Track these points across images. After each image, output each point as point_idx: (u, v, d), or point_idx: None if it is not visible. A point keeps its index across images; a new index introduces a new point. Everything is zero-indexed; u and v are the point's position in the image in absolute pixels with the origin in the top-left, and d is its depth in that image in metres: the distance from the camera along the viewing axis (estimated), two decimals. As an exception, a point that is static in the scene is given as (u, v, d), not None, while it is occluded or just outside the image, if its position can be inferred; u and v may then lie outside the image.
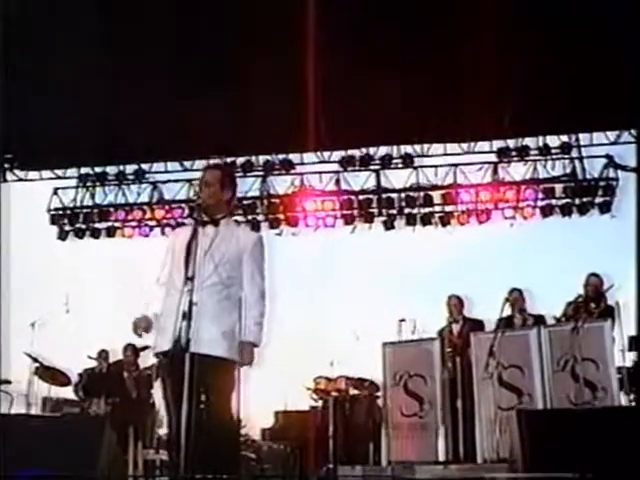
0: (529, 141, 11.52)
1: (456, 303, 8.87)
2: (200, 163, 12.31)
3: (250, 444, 10.18)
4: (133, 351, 9.12)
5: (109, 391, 8.52)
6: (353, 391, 9.10)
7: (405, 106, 10.38)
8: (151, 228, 12.50)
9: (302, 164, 12.24)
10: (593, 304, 7.91)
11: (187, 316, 4.36)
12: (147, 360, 9.10)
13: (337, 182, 12.12)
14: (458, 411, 7.71)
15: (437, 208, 11.92)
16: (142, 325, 4.66)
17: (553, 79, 9.78)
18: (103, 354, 9.83)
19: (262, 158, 12.18)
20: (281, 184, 12.34)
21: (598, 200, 11.37)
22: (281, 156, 12.12)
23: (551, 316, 8.29)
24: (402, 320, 8.52)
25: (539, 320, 8.18)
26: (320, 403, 8.97)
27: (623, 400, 7.71)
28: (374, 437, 8.20)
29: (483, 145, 11.70)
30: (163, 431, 9.07)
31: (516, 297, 8.31)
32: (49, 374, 9.22)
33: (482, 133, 11.35)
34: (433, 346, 7.94)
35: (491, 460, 7.20)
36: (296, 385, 9.89)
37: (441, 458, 7.45)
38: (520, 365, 7.46)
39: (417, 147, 11.87)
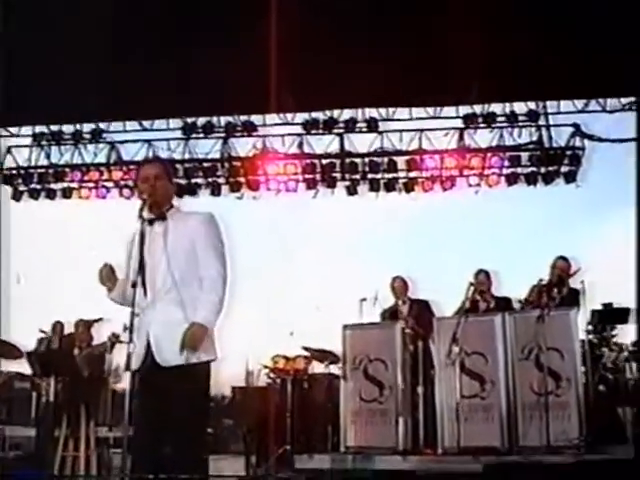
0: (496, 107, 11.12)
1: (400, 285, 8.41)
2: (160, 123, 11.84)
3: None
4: (85, 327, 8.60)
5: (59, 370, 8.01)
6: (313, 370, 8.69)
7: (371, 69, 9.98)
8: (108, 190, 11.94)
9: (264, 126, 11.78)
10: (556, 289, 7.53)
11: (128, 328, 3.91)
12: (101, 333, 8.61)
13: (300, 145, 11.68)
14: (419, 398, 7.31)
15: (401, 174, 11.58)
16: (104, 275, 4.20)
17: (521, 46, 9.39)
18: (58, 326, 9.32)
19: (223, 119, 11.68)
20: (243, 146, 11.89)
21: (564, 169, 11.12)
22: (243, 118, 11.61)
23: (516, 299, 7.92)
24: (363, 299, 8.03)
25: (505, 304, 7.77)
26: (278, 381, 8.53)
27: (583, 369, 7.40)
28: (332, 420, 7.79)
29: (449, 110, 11.31)
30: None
31: (482, 280, 7.88)
32: (0, 347, 8.69)
33: (448, 98, 10.91)
34: (394, 330, 7.47)
35: (451, 449, 6.84)
36: (254, 357, 9.48)
37: (401, 446, 7.06)
38: (483, 352, 7.05)
39: (382, 111, 11.43)
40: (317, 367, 8.79)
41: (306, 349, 8.93)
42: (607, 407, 7.60)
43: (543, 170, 11.12)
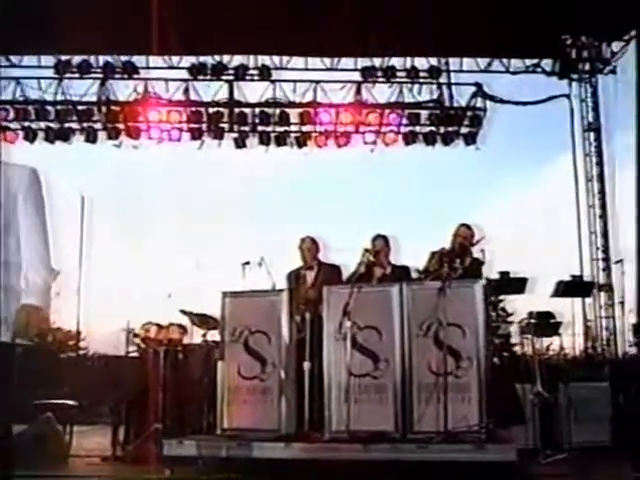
0: (396, 62, 10.32)
1: (310, 247, 7.28)
2: (30, 60, 10.52)
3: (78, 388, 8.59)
4: None
5: None
6: (191, 340, 7.59)
7: (265, 13, 9.14)
8: (-31, 131, 10.50)
9: (147, 68, 10.66)
10: (459, 259, 6.67)
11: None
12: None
13: (185, 91, 10.63)
14: (305, 375, 6.34)
15: (294, 127, 10.73)
16: None
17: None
18: None
19: (102, 59, 10.53)
20: (122, 90, 10.71)
21: (464, 130, 10.50)
22: (123, 58, 10.52)
23: (415, 269, 7.02)
24: (246, 263, 6.94)
25: (402, 273, 6.84)
26: (150, 351, 7.39)
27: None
28: (209, 397, 6.76)
29: (347, 62, 10.51)
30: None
31: (380, 246, 6.90)
32: None
33: (346, 49, 10.07)
34: (280, 299, 6.42)
35: (340, 433, 5.93)
36: (129, 322, 8.40)
37: (284, 429, 6.11)
38: (378, 327, 6.12)
39: (276, 59, 10.53)
40: (196, 337, 7.68)
41: (184, 313, 7.84)
42: (505, 385, 6.86)
43: (442, 130, 10.46)
